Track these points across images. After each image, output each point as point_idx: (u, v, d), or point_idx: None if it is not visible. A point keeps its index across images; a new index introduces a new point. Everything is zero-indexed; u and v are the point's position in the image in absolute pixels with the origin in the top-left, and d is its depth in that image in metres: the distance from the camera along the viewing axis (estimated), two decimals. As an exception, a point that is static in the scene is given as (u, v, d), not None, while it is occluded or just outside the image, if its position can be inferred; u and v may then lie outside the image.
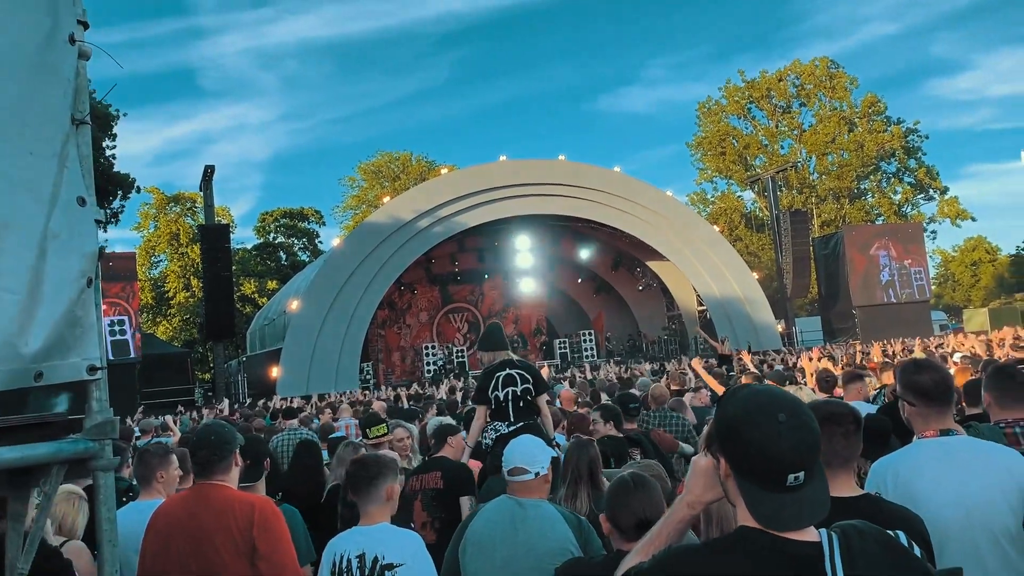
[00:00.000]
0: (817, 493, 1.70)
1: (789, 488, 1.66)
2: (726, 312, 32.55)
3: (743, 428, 1.71)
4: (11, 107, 2.04)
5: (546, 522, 3.30)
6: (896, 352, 15.14)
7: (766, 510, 1.68)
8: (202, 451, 3.48)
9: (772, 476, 1.67)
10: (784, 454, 1.66)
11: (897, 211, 57.54)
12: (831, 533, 1.69)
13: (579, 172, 31.49)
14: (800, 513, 1.68)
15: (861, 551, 1.64)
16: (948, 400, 3.22)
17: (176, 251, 51.36)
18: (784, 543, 1.67)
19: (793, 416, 1.70)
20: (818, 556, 1.64)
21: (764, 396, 1.77)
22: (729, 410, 1.78)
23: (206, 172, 30.15)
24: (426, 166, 60.17)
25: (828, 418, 2.62)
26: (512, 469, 3.42)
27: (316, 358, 26.98)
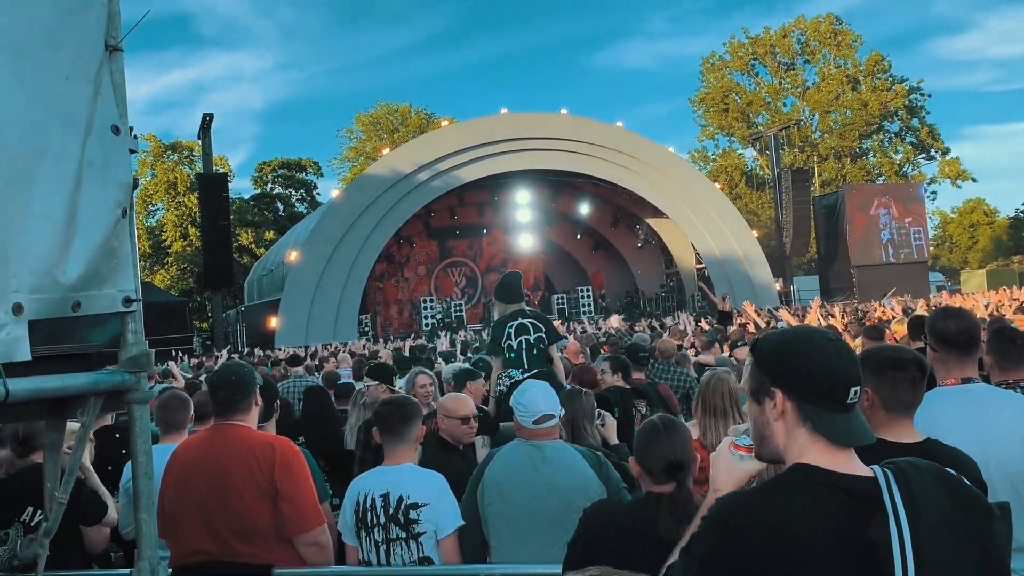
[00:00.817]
0: (862, 415, 1.77)
1: (850, 405, 1.71)
2: (724, 270, 32.54)
3: (805, 352, 1.74)
4: (47, 30, 1.99)
5: (566, 460, 3.33)
6: (897, 311, 15.17)
7: (838, 429, 1.71)
8: (222, 391, 3.47)
9: (838, 393, 1.70)
10: (848, 368, 1.72)
11: (898, 171, 57.28)
12: (885, 469, 1.68)
13: (580, 126, 31.21)
14: (864, 428, 1.73)
15: (919, 484, 1.64)
16: (970, 348, 3.23)
17: (173, 200, 51.07)
18: (842, 478, 1.67)
19: (838, 339, 1.78)
20: (876, 490, 1.64)
21: (802, 327, 1.88)
22: (777, 342, 1.81)
23: (204, 120, 29.84)
24: (425, 118, 59.62)
25: (895, 364, 2.62)
26: (540, 418, 3.40)
27: (315, 309, 27.02)
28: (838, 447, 1.70)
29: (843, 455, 1.71)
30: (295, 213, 55.36)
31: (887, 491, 1.63)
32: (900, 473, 1.67)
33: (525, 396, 3.47)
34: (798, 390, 1.74)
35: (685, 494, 2.61)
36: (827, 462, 1.69)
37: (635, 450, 2.78)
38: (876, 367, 2.60)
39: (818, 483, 1.67)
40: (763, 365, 1.80)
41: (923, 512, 1.61)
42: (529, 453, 3.38)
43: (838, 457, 1.70)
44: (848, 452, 1.72)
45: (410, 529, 3.31)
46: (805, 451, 1.72)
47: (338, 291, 27.56)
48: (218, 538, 3.25)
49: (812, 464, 1.70)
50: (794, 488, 1.69)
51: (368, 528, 3.36)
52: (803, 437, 1.73)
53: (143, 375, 2.19)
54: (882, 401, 2.59)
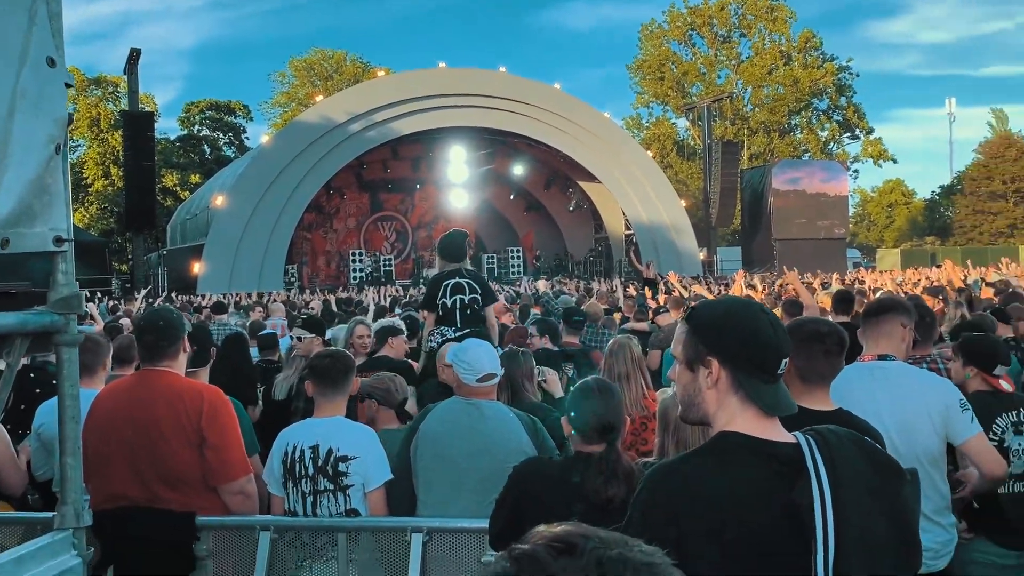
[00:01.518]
0: (785, 386, 1.84)
1: (779, 376, 1.78)
2: (652, 237, 32.97)
3: (740, 322, 1.79)
4: (-20, -48, 1.90)
5: (503, 423, 3.35)
6: (815, 286, 15.65)
7: (769, 399, 1.77)
8: (149, 336, 3.40)
9: (770, 364, 1.77)
10: (782, 340, 1.78)
11: (823, 148, 58.64)
12: (807, 435, 1.76)
13: (518, 86, 31.03)
14: (788, 398, 1.81)
15: (839, 450, 1.72)
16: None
17: (96, 137, 49.09)
18: (768, 444, 1.74)
19: (768, 311, 1.84)
20: (800, 455, 1.71)
21: (737, 298, 1.93)
22: (716, 312, 1.85)
23: (131, 56, 28.68)
24: (361, 67, 58.37)
25: (814, 336, 2.73)
26: (484, 376, 3.40)
27: (240, 256, 26.48)
28: (766, 414, 1.77)
29: (769, 423, 1.78)
30: (222, 157, 53.89)
31: (810, 456, 1.71)
32: (821, 439, 1.75)
33: (469, 354, 3.46)
34: (735, 360, 1.78)
35: (614, 455, 2.68)
36: (754, 429, 1.76)
37: (567, 410, 2.83)
38: (796, 338, 2.70)
39: (746, 449, 1.74)
40: (700, 334, 1.83)
41: (843, 475, 1.69)
42: (467, 411, 3.38)
43: (764, 424, 1.77)
44: (773, 420, 1.79)
45: (338, 481, 3.32)
46: (734, 418, 1.78)
47: (264, 239, 27.04)
48: (143, 484, 3.21)
49: (740, 431, 1.76)
50: (724, 453, 1.76)
51: (296, 479, 3.36)
52: (734, 405, 1.79)
53: (72, 317, 2.14)
54: (798, 371, 2.69)
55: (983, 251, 40.84)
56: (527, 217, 39.93)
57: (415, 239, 38.10)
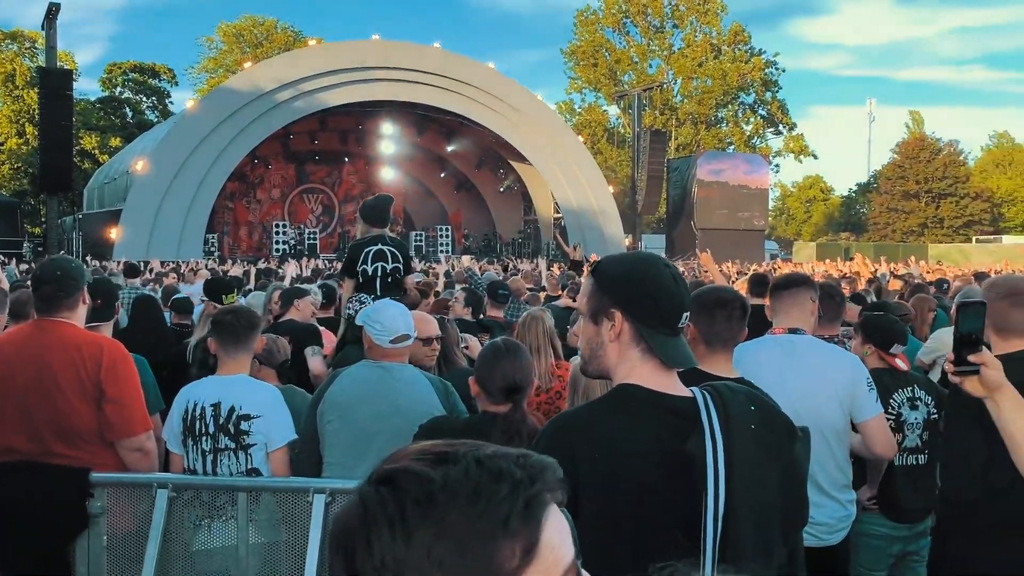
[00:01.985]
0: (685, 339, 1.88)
1: (680, 330, 1.82)
2: (579, 221, 33.22)
3: (644, 275, 1.81)
4: None
5: (412, 385, 3.31)
6: (732, 273, 16.00)
7: (670, 351, 1.80)
8: (47, 286, 3.26)
9: (672, 317, 1.80)
10: (683, 294, 1.81)
11: (747, 141, 59.81)
12: (703, 390, 1.81)
13: (453, 63, 30.78)
14: (688, 352, 1.85)
15: (733, 405, 1.77)
16: None
17: (10, 93, 46.83)
18: (663, 397, 1.78)
19: (671, 265, 1.88)
20: (694, 408, 1.76)
21: (643, 253, 1.98)
22: (621, 266, 1.88)
23: (50, 10, 27.40)
24: (292, 36, 57.03)
25: (717, 302, 2.81)
26: (398, 337, 3.34)
27: (159, 223, 25.73)
28: (665, 369, 1.81)
29: (667, 376, 1.82)
30: (144, 121, 52.09)
31: (704, 410, 1.76)
32: (716, 394, 1.80)
33: (382, 315, 3.40)
34: (637, 313, 1.81)
35: (519, 414, 2.70)
36: (653, 383, 1.80)
37: (476, 370, 2.84)
38: (700, 305, 2.78)
39: (644, 401, 1.78)
40: (605, 287, 1.85)
41: (735, 429, 1.74)
42: (377, 373, 3.34)
43: (663, 378, 1.81)
44: (671, 374, 1.83)
45: (240, 440, 3.27)
46: (634, 371, 1.81)
47: (185, 206, 26.32)
48: (35, 437, 3.11)
49: (639, 384, 1.80)
50: (622, 404, 1.79)
51: (196, 437, 3.30)
52: (635, 358, 1.82)
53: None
54: (702, 335, 2.77)
55: (895, 248, 42.26)
56: (457, 196, 39.80)
57: (341, 213, 37.58)
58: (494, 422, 2.68)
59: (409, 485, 0.83)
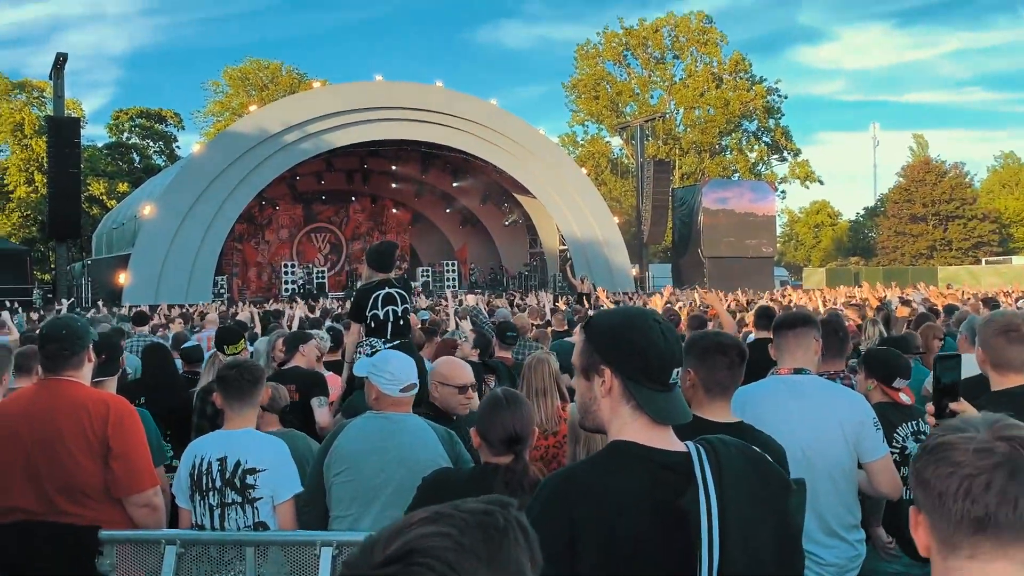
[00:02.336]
0: (681, 392, 1.88)
1: (672, 385, 1.82)
2: (585, 253, 33.28)
3: (632, 332, 1.83)
4: None
5: (417, 435, 3.32)
6: (742, 302, 15.99)
7: (659, 407, 1.80)
8: (52, 344, 3.30)
9: (661, 373, 1.81)
10: (673, 350, 1.82)
11: (752, 169, 59.99)
12: (698, 445, 1.82)
13: (455, 100, 31.08)
14: (683, 407, 1.84)
15: (727, 459, 1.78)
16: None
17: (19, 142, 47.48)
18: (657, 453, 1.79)
19: (667, 322, 1.89)
20: (688, 464, 1.77)
21: (634, 308, 2.00)
22: (610, 321, 1.90)
23: (57, 60, 27.88)
24: (297, 78, 57.70)
25: (715, 348, 2.79)
26: (406, 386, 3.38)
27: (168, 267, 25.88)
28: (658, 424, 1.82)
29: (661, 431, 1.82)
30: (152, 166, 52.65)
31: (699, 465, 1.77)
32: (711, 449, 1.81)
33: (390, 364, 3.42)
34: (626, 369, 1.82)
35: (521, 466, 2.70)
36: (646, 438, 1.80)
37: (477, 421, 2.85)
38: (700, 351, 2.78)
39: (637, 457, 1.78)
40: (594, 343, 1.87)
41: (729, 485, 1.75)
42: (382, 425, 3.35)
43: (656, 433, 1.81)
44: (666, 429, 1.83)
45: (246, 494, 3.27)
46: (626, 427, 1.82)
47: (193, 250, 26.48)
48: (42, 496, 3.12)
49: (631, 440, 1.81)
50: (615, 460, 1.81)
51: (203, 492, 3.31)
52: (626, 414, 1.83)
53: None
54: (702, 382, 2.77)
55: (904, 271, 42.17)
56: (463, 231, 39.97)
57: (349, 251, 37.78)
58: (496, 474, 2.69)
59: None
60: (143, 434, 3.30)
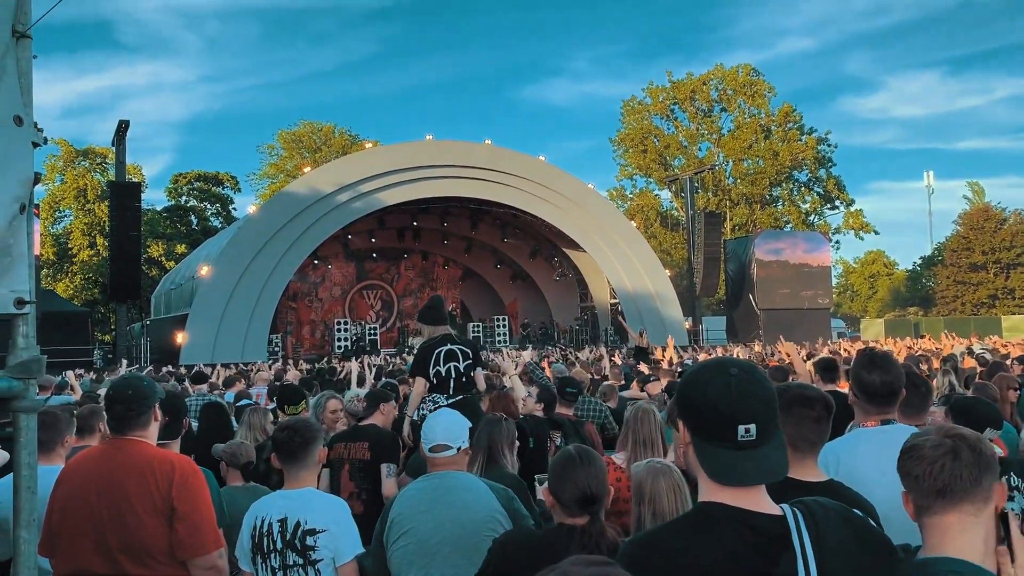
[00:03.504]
0: (772, 455, 1.70)
1: (742, 444, 1.67)
2: (637, 306, 33.04)
3: (697, 383, 1.74)
4: (-52, 10, 1.88)
5: (469, 492, 3.24)
6: (802, 355, 15.62)
7: (719, 465, 1.69)
8: (119, 405, 3.29)
9: (724, 428, 1.68)
10: (734, 403, 1.67)
11: (804, 220, 59.39)
12: (794, 508, 1.69)
13: (503, 157, 31.41)
14: (756, 469, 1.68)
15: (826, 525, 1.65)
16: (892, 401, 3.26)
17: (83, 207, 49.16)
18: (748, 516, 1.66)
19: (745, 372, 1.73)
20: (784, 530, 1.64)
21: (719, 358, 1.86)
22: (688, 374, 1.81)
23: (120, 127, 28.90)
24: (349, 139, 59.10)
25: (799, 400, 2.60)
26: (434, 446, 3.32)
27: (224, 326, 26.28)
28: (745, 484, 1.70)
29: (752, 492, 1.70)
30: (209, 227, 54.00)
31: (795, 530, 1.64)
32: (808, 512, 1.68)
33: (427, 423, 3.42)
34: (691, 424, 1.74)
35: (598, 527, 2.58)
36: (734, 498, 1.69)
37: (549, 480, 2.74)
38: (783, 405, 2.61)
39: (725, 520, 1.67)
40: (675, 395, 1.87)
41: (830, 552, 1.62)
42: (433, 487, 3.28)
43: (747, 494, 1.69)
44: (757, 489, 1.71)
45: (307, 556, 3.18)
46: (712, 485, 1.71)
47: (249, 309, 26.89)
48: (108, 557, 3.07)
49: (719, 501, 1.69)
50: (702, 525, 1.69)
51: (264, 554, 3.23)
52: (702, 476, 1.73)
53: (32, 382, 2.05)
54: (788, 438, 2.59)
55: (966, 321, 41.07)
56: (513, 286, 40.05)
57: (400, 308, 38.06)
58: (571, 535, 2.56)
59: None
60: (208, 495, 3.24)
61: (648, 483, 3.09)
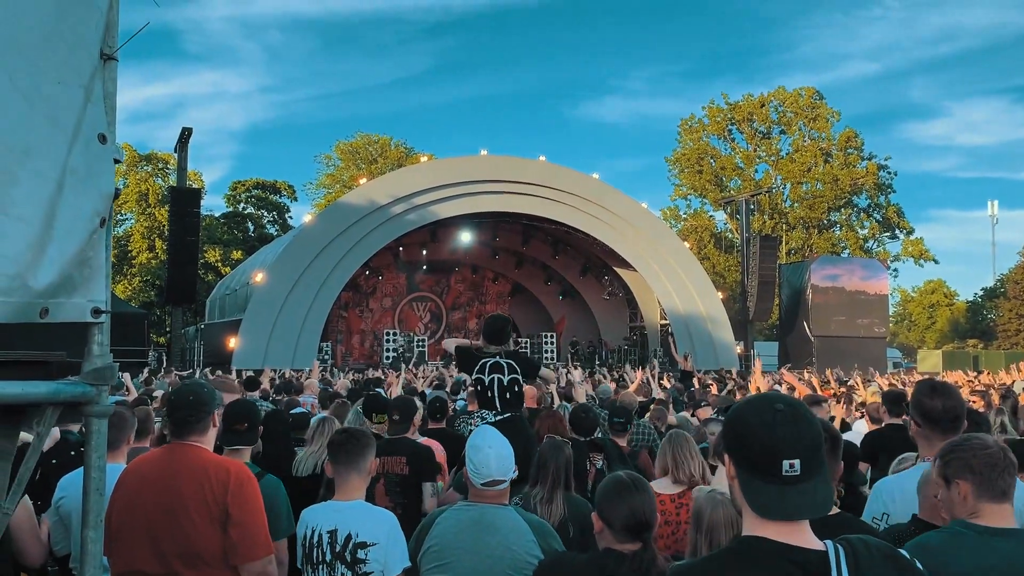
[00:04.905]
0: (818, 490, 1.71)
1: (786, 479, 1.68)
2: (688, 328, 32.75)
3: (742, 418, 1.76)
4: (43, 31, 1.97)
5: (512, 533, 3.19)
6: (857, 384, 15.33)
7: (763, 499, 1.70)
8: (180, 411, 3.39)
9: (767, 462, 1.69)
10: (778, 440, 1.68)
11: (862, 246, 58.36)
12: (837, 544, 1.69)
13: (557, 174, 31.46)
14: (799, 505, 1.69)
15: (867, 562, 1.64)
16: (956, 427, 3.21)
17: (143, 211, 50.49)
18: (789, 550, 1.67)
19: (791, 407, 1.74)
20: (824, 565, 1.64)
21: (767, 393, 1.87)
22: (736, 406, 1.83)
23: (183, 134, 29.64)
24: (404, 152, 59.78)
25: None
26: (488, 481, 3.24)
27: (276, 333, 26.69)
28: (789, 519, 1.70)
29: (795, 527, 1.71)
30: (265, 235, 54.98)
31: (835, 566, 1.63)
32: (850, 549, 1.68)
33: (479, 455, 3.29)
34: (736, 457, 1.76)
35: (650, 554, 2.58)
36: (776, 533, 1.70)
37: (598, 505, 2.75)
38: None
39: (765, 553, 1.67)
40: (721, 429, 1.88)
41: None
42: (476, 520, 3.22)
43: (790, 528, 1.70)
44: (801, 524, 1.72)
45: (356, 568, 3.23)
46: (755, 519, 1.73)
47: (301, 317, 27.28)
48: (162, 559, 3.16)
49: (760, 535, 1.70)
50: (743, 557, 1.70)
51: (313, 565, 3.28)
52: (746, 508, 1.75)
53: (105, 388, 2.13)
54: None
55: (1028, 355, 39.89)
56: (561, 303, 39.98)
57: (449, 320, 38.27)
58: (621, 561, 2.56)
59: None
60: (260, 502, 3.30)
61: (707, 512, 3.09)
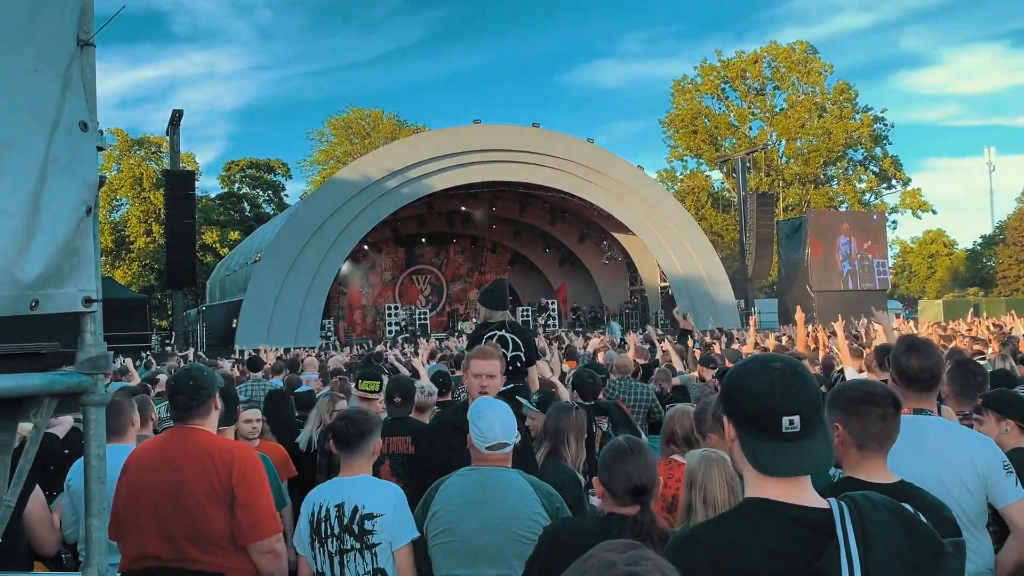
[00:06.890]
0: (817, 446, 1.73)
1: (786, 436, 1.70)
2: (688, 289, 32.80)
3: (740, 378, 1.78)
4: (17, 23, 1.95)
5: (514, 493, 3.22)
6: (863, 333, 15.38)
7: (765, 457, 1.72)
8: (180, 395, 3.42)
9: (768, 421, 1.71)
10: (777, 397, 1.70)
11: (860, 199, 58.19)
12: (840, 501, 1.70)
13: (552, 141, 31.31)
14: (800, 461, 1.71)
15: (872, 518, 1.65)
16: (931, 387, 3.23)
17: (138, 195, 50.34)
18: (792, 509, 1.68)
19: (788, 366, 1.76)
20: (829, 522, 1.65)
21: (763, 355, 1.88)
22: (732, 369, 1.85)
23: (174, 117, 29.46)
24: (397, 125, 59.40)
25: (865, 398, 2.53)
26: (494, 444, 3.26)
27: (277, 312, 26.74)
28: (793, 477, 1.72)
29: (797, 486, 1.72)
30: (262, 214, 54.85)
31: (840, 523, 1.65)
32: (854, 506, 1.69)
33: (483, 419, 3.30)
34: (736, 418, 1.78)
35: (648, 517, 2.62)
36: (779, 493, 1.71)
37: (599, 470, 2.78)
38: (848, 402, 2.54)
39: (769, 513, 1.69)
40: (719, 392, 1.88)
41: (875, 545, 1.62)
42: (477, 483, 3.25)
43: (792, 487, 1.72)
44: (801, 482, 1.73)
45: (364, 540, 3.26)
46: (757, 480, 1.75)
47: (301, 295, 27.32)
48: (171, 543, 3.20)
49: (763, 496, 1.72)
50: (746, 518, 1.72)
51: (322, 539, 3.32)
52: (748, 469, 1.77)
53: (100, 377, 2.14)
54: (853, 437, 2.51)
55: (1029, 301, 39.92)
56: (561, 270, 39.99)
57: (449, 292, 38.33)
58: (622, 525, 2.60)
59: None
60: (266, 481, 3.34)
61: (700, 470, 3.13)
